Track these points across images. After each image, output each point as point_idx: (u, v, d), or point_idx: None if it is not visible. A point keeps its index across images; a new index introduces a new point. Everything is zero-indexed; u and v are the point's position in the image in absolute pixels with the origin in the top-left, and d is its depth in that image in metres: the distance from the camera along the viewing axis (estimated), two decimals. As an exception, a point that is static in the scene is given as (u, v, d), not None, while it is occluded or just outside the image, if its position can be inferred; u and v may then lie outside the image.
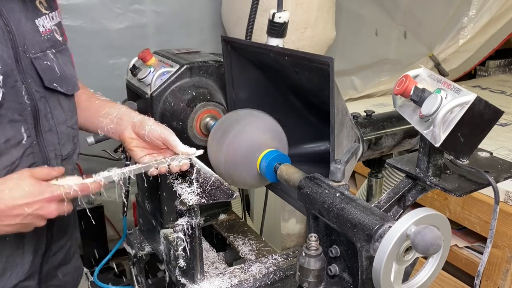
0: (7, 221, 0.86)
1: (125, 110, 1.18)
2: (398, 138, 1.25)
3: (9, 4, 0.92)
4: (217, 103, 1.32)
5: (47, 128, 1.00)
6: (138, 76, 1.36)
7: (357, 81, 2.93)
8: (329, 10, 2.19)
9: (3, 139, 0.92)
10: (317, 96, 1.18)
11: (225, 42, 1.27)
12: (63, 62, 1.05)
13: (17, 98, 0.92)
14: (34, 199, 0.87)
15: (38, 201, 0.87)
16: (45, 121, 1.00)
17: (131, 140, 1.13)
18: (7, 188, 0.86)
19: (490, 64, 3.64)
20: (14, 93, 0.92)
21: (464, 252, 1.82)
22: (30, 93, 0.95)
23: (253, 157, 1.08)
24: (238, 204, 2.21)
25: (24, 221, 0.88)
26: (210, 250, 1.44)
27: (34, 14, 0.98)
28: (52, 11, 1.04)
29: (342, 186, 0.89)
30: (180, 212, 1.09)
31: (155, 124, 1.11)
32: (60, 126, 1.04)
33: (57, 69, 1.02)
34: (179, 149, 1.08)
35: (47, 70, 0.99)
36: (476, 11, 3.01)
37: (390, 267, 0.70)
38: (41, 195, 0.88)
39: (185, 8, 2.33)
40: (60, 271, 1.17)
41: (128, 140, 1.13)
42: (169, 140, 1.08)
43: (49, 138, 1.01)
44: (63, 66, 1.05)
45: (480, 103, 0.78)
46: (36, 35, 0.98)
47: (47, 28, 1.01)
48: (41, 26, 0.99)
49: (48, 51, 1.00)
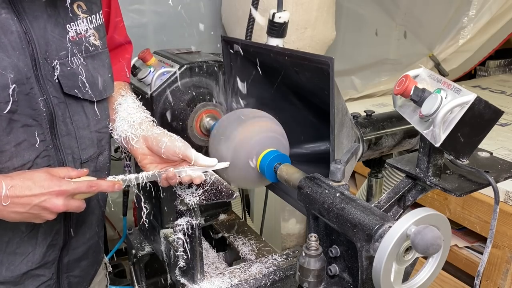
0: (15, 208, 0.89)
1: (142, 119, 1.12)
2: (398, 138, 1.25)
3: (34, 13, 0.93)
4: (217, 103, 1.32)
5: (64, 133, 1.02)
6: (138, 76, 1.36)
7: (357, 81, 2.93)
8: (329, 10, 2.19)
9: (14, 143, 0.94)
10: (317, 96, 1.18)
11: (225, 42, 1.27)
12: (93, 67, 1.05)
13: (31, 104, 0.94)
14: (41, 191, 0.89)
15: (46, 193, 0.90)
16: (63, 126, 1.01)
17: (144, 157, 1.09)
18: (22, 178, 0.90)
19: (490, 64, 3.64)
20: (28, 99, 0.94)
21: (464, 252, 1.82)
22: (48, 99, 0.97)
23: (253, 157, 1.08)
24: (238, 204, 2.21)
25: (31, 211, 0.90)
26: (210, 250, 1.44)
27: (67, 19, 0.99)
28: (92, 14, 1.05)
29: (342, 186, 0.89)
30: (180, 212, 1.09)
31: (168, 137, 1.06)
32: (80, 131, 1.05)
33: (84, 74, 1.02)
34: (201, 163, 1.04)
35: (70, 76, 1.00)
36: (476, 11, 3.01)
37: (390, 267, 0.70)
38: (49, 188, 0.90)
39: (185, 8, 2.33)
40: (82, 263, 1.19)
41: (141, 156, 1.09)
42: (187, 155, 1.04)
43: (66, 142, 1.03)
44: (92, 71, 1.05)
45: (480, 103, 0.78)
46: (64, 40, 0.98)
47: (81, 33, 1.02)
48: (72, 31, 1.00)
49: (75, 57, 1.00)
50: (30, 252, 1.04)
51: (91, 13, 1.05)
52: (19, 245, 1.03)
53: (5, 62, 0.89)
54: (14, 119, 0.92)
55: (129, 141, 1.10)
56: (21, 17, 0.92)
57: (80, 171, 0.98)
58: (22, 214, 0.91)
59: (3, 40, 0.89)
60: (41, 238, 1.05)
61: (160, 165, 1.09)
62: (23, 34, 0.91)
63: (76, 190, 0.93)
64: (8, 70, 0.89)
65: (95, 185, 0.96)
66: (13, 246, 1.02)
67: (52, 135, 1.00)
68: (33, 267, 1.06)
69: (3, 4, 0.89)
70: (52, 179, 0.91)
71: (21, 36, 0.91)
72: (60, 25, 0.98)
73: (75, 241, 1.14)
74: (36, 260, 1.06)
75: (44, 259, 1.07)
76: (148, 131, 1.08)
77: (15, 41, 0.91)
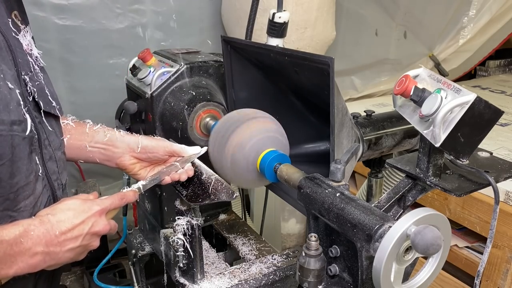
0: (70, 245, 0.82)
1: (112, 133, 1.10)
2: (398, 138, 1.25)
3: (3, 20, 0.82)
4: (217, 103, 1.32)
5: (48, 156, 0.91)
6: (138, 76, 1.36)
7: (357, 81, 2.93)
8: (329, 10, 2.19)
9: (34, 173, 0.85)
10: (317, 96, 1.18)
11: (225, 42, 1.27)
12: (47, 81, 0.96)
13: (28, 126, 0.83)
14: (87, 215, 0.84)
15: (92, 216, 0.85)
16: (45, 149, 0.90)
17: (133, 166, 1.11)
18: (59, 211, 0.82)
19: (490, 64, 3.64)
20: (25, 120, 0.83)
21: (464, 252, 1.82)
22: (33, 119, 0.85)
23: (253, 157, 1.08)
24: (238, 204, 2.21)
25: (83, 242, 0.84)
26: (210, 250, 1.44)
27: (17, 28, 0.87)
28: (27, 25, 0.93)
29: (342, 186, 0.89)
30: (180, 212, 1.09)
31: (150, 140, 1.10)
32: (56, 153, 0.95)
33: (46, 89, 0.93)
34: (189, 153, 1.10)
35: (40, 92, 0.90)
36: (476, 11, 3.01)
37: (390, 267, 0.70)
38: (91, 210, 0.85)
39: (185, 8, 2.33)
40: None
41: (130, 167, 1.11)
42: (175, 150, 1.10)
43: (51, 167, 0.92)
44: (48, 85, 0.95)
45: (480, 103, 0.78)
46: (24, 52, 0.87)
47: (28, 44, 0.90)
48: (24, 43, 0.88)
49: (36, 70, 0.91)
50: None
51: (26, 23, 0.92)
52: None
53: (9, 75, 0.79)
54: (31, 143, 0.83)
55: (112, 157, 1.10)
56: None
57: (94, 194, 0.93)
58: (75, 250, 0.83)
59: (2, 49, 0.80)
60: None
61: (149, 167, 1.13)
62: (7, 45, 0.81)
63: (112, 205, 0.90)
64: (13, 84, 0.79)
65: (124, 196, 0.93)
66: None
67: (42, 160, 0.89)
68: None
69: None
70: (86, 202, 0.86)
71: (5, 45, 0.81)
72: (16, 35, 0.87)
73: None
74: None
75: None
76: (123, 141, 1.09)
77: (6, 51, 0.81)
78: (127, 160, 1.10)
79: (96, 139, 1.09)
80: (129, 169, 1.11)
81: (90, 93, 2.19)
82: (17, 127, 0.80)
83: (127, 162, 1.10)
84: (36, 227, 0.79)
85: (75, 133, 1.08)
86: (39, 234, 0.78)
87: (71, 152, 1.07)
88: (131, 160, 1.10)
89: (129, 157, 1.10)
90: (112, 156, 1.10)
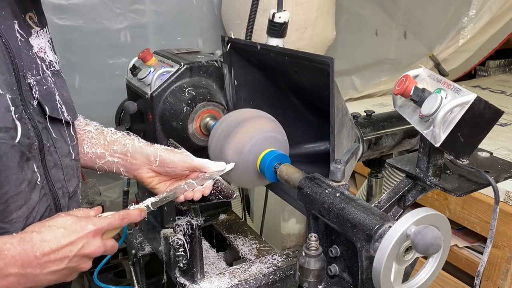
0: (53, 267, 0.76)
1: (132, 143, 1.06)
2: (398, 138, 1.25)
3: (6, 22, 0.80)
4: (217, 103, 1.32)
5: (52, 164, 0.88)
6: (138, 76, 1.36)
7: (357, 81, 2.93)
8: (329, 10, 2.19)
9: (26, 182, 0.81)
10: (317, 96, 1.18)
11: (225, 42, 1.27)
12: (61, 85, 0.94)
13: (25, 132, 0.80)
14: (78, 235, 0.78)
15: (83, 237, 0.79)
16: (49, 156, 0.87)
17: (151, 179, 1.05)
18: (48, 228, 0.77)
19: (490, 64, 3.64)
20: (23, 125, 0.79)
21: (464, 252, 1.82)
22: (34, 125, 0.83)
23: (253, 157, 1.08)
24: (238, 204, 2.21)
25: (70, 264, 0.78)
26: (210, 250, 1.44)
27: (28, 31, 0.86)
28: (44, 27, 0.92)
29: (342, 186, 0.89)
30: (180, 212, 1.09)
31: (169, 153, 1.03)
32: (64, 160, 0.92)
33: (57, 94, 0.91)
34: (212, 169, 1.02)
35: (48, 96, 0.88)
36: (476, 11, 3.01)
37: (390, 267, 0.70)
38: (84, 230, 0.79)
39: (185, 8, 2.33)
40: None
41: (147, 180, 1.05)
42: (196, 165, 1.02)
43: (55, 174, 0.89)
44: (61, 90, 0.93)
45: (480, 103, 0.78)
46: (32, 55, 0.86)
47: (42, 47, 0.88)
48: (35, 46, 0.87)
49: (46, 74, 0.88)
50: None
51: (42, 25, 0.91)
52: None
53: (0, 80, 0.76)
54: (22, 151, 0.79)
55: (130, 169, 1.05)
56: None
57: (97, 209, 0.88)
58: (59, 272, 0.77)
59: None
60: None
61: (168, 182, 1.06)
62: (5, 49, 0.78)
63: (110, 225, 0.83)
64: (4, 89, 0.76)
65: (126, 216, 0.87)
66: None
67: (44, 168, 0.86)
68: None
69: None
70: (81, 220, 0.80)
71: (3, 48, 0.78)
72: (25, 38, 0.85)
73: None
74: None
75: None
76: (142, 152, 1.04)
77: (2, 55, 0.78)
78: (144, 172, 1.05)
79: (115, 149, 1.05)
80: (147, 182, 1.05)
81: (90, 93, 2.19)
82: (3, 134, 0.76)
83: (144, 175, 1.05)
84: (13, 246, 0.73)
85: (96, 141, 1.06)
86: (15, 254, 0.73)
87: (91, 161, 1.05)
88: (149, 173, 1.05)
89: (146, 170, 1.04)
90: (130, 167, 1.05)
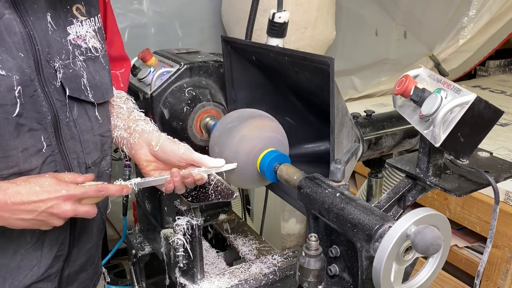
0: (21, 215, 0.87)
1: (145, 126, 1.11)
2: (398, 138, 1.25)
3: (36, 14, 0.92)
4: (217, 103, 1.32)
5: (69, 137, 1.00)
6: (138, 76, 1.36)
7: (357, 81, 2.93)
8: (329, 10, 2.19)
9: (21, 148, 0.91)
10: (317, 96, 1.18)
11: (225, 42, 1.27)
12: (94, 69, 1.04)
13: (35, 107, 0.92)
14: (49, 196, 0.87)
15: (54, 199, 0.88)
16: (67, 130, 0.99)
17: (148, 163, 1.08)
18: (27, 184, 0.87)
19: (490, 64, 3.64)
20: (32, 102, 0.92)
21: (464, 252, 1.82)
22: (51, 102, 0.95)
23: (253, 157, 1.08)
24: (238, 204, 2.21)
25: (39, 217, 0.88)
26: (210, 250, 1.44)
27: (67, 21, 0.98)
28: (91, 17, 1.04)
29: (342, 186, 0.89)
30: (180, 212, 1.09)
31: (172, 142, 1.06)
32: (84, 135, 1.03)
33: (86, 77, 1.01)
34: (210, 165, 1.04)
35: (73, 78, 0.99)
36: (476, 11, 3.01)
37: (390, 267, 0.70)
38: (57, 192, 0.88)
39: (185, 8, 2.33)
40: (81, 276, 1.15)
41: (144, 163, 1.08)
42: (193, 159, 1.04)
43: (71, 146, 1.00)
44: (94, 73, 1.04)
45: (480, 103, 0.78)
46: (65, 42, 0.97)
47: (81, 35, 1.01)
48: (73, 33, 0.99)
49: (76, 59, 0.99)
50: (35, 265, 1.01)
51: (90, 15, 1.03)
52: (23, 257, 0.99)
53: (10, 64, 0.87)
54: (21, 123, 0.90)
55: (132, 147, 1.09)
56: (24, 18, 0.90)
57: (87, 176, 0.96)
58: (29, 221, 0.89)
59: (8, 41, 0.88)
60: (47, 249, 1.01)
61: (163, 172, 1.07)
62: (26, 35, 0.90)
63: (85, 194, 0.91)
64: (13, 72, 0.87)
65: (104, 189, 0.94)
66: (17, 258, 0.98)
67: (57, 139, 0.97)
68: (36, 280, 1.02)
69: (6, 5, 0.88)
70: (59, 184, 0.89)
71: (25, 37, 0.90)
72: (61, 27, 0.97)
73: (76, 251, 1.09)
74: (41, 272, 1.02)
75: (48, 271, 1.04)
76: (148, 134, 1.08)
77: (19, 42, 0.89)
78: (143, 155, 1.08)
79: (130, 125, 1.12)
80: (143, 166, 1.08)
81: (90, 93, 2.19)
82: None
83: (143, 157, 1.08)
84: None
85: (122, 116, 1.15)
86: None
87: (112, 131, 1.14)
88: (147, 157, 1.08)
89: (146, 152, 1.08)
90: (132, 145, 1.09)
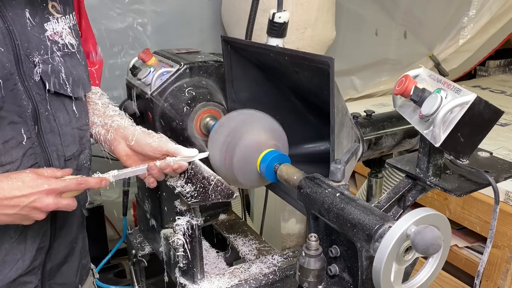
0: (4, 210, 0.89)
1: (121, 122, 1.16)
2: (398, 138, 1.25)
3: (14, 10, 0.95)
4: (217, 103, 1.32)
5: (48, 130, 1.03)
6: (138, 76, 1.36)
7: (357, 81, 2.93)
8: (329, 10, 2.19)
9: (2, 140, 0.94)
10: (317, 96, 1.18)
11: (225, 42, 1.27)
12: (71, 65, 1.07)
13: (16, 101, 0.95)
14: (31, 191, 0.89)
15: (36, 193, 0.90)
16: (47, 123, 1.02)
17: (127, 157, 1.12)
18: (9, 179, 0.90)
19: (490, 64, 3.64)
20: (13, 95, 0.94)
21: (464, 252, 1.82)
22: (31, 96, 0.98)
23: (253, 157, 1.08)
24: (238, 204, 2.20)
25: (22, 212, 0.91)
26: (210, 250, 1.44)
27: (44, 18, 1.01)
28: (66, 14, 1.07)
29: (342, 186, 0.89)
30: (180, 212, 1.09)
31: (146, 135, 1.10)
32: (63, 128, 1.06)
33: (64, 72, 1.04)
34: (184, 154, 1.08)
35: (51, 73, 1.02)
36: (476, 11, 3.01)
37: (390, 267, 0.70)
38: (39, 187, 0.90)
39: (185, 8, 2.33)
40: (63, 268, 1.17)
41: (124, 157, 1.12)
42: (168, 149, 1.08)
43: (50, 139, 1.03)
44: (71, 69, 1.07)
45: (480, 103, 0.78)
46: (43, 38, 1.00)
47: (57, 32, 1.04)
48: (50, 30, 1.02)
49: (54, 54, 1.02)
50: (19, 259, 1.03)
51: (65, 13, 1.07)
52: (8, 252, 1.01)
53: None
54: (1, 116, 0.93)
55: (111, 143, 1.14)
56: (3, 13, 0.93)
57: (65, 171, 0.99)
58: (12, 216, 0.91)
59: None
60: (30, 242, 1.04)
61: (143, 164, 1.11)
62: (6, 30, 0.92)
63: (66, 187, 0.94)
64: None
65: (84, 182, 0.97)
66: (2, 253, 1.01)
67: (37, 132, 1.00)
68: (22, 273, 1.04)
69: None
70: (40, 178, 0.92)
71: (4, 32, 0.92)
72: (39, 23, 1.00)
73: (57, 244, 1.12)
74: (25, 265, 1.04)
75: (32, 263, 1.06)
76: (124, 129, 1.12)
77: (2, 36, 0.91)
78: (122, 149, 1.12)
79: (106, 122, 1.16)
80: (123, 160, 1.12)
81: (90, 93, 2.19)
82: None
83: (122, 152, 1.12)
84: None
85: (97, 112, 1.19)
86: None
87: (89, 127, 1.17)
88: (125, 151, 1.12)
89: (123, 147, 1.12)
90: (110, 142, 1.13)
